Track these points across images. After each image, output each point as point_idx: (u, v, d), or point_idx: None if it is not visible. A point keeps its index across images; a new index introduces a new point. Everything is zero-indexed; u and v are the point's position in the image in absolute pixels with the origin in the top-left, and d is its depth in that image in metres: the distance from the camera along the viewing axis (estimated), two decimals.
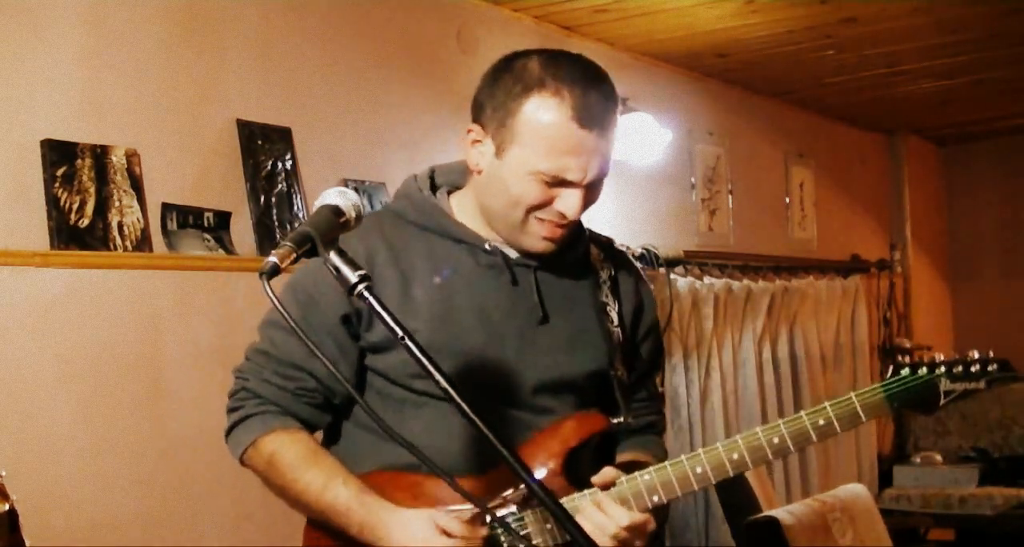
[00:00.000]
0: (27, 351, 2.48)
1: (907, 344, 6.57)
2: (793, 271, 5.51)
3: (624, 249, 2.00)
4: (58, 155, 2.54)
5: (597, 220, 4.26)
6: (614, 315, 1.82)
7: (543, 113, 1.62)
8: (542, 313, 1.73)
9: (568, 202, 1.65)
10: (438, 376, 1.32)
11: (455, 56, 3.71)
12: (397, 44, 3.52)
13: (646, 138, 4.13)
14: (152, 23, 2.79)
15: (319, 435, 1.79)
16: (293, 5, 3.17)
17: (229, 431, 1.75)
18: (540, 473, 1.67)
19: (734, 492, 3.86)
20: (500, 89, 1.66)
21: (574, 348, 1.76)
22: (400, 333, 1.34)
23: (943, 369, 1.75)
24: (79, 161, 2.59)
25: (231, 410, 1.75)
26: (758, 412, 5.01)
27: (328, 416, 1.76)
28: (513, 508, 1.65)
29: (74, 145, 2.58)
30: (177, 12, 2.85)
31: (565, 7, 3.90)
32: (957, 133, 6.88)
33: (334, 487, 1.63)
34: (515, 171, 1.64)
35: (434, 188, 1.81)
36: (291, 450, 1.68)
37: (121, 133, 2.70)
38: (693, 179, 4.96)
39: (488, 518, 1.63)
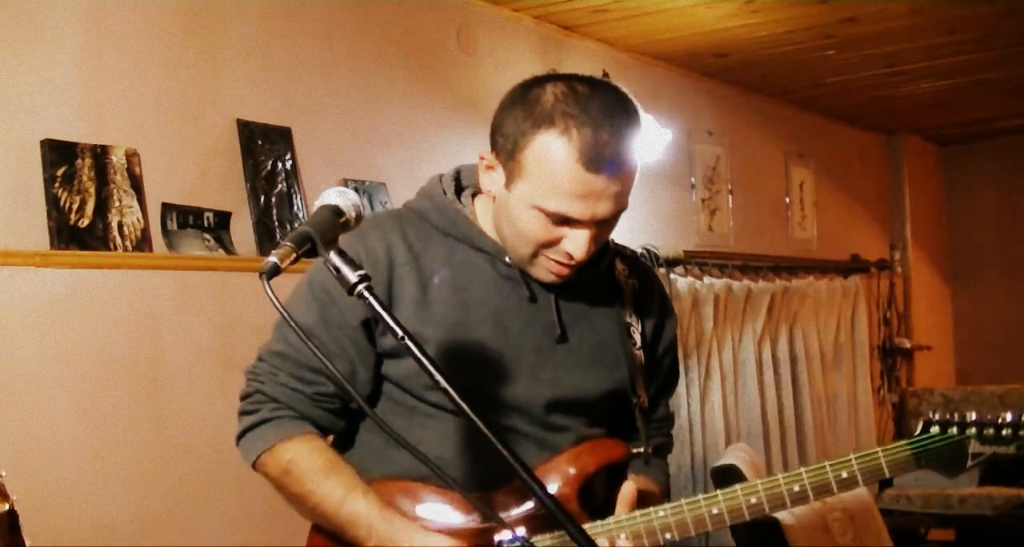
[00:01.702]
0: (27, 351, 2.48)
1: (907, 344, 6.58)
2: (793, 271, 5.51)
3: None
4: (58, 155, 2.54)
5: None
6: (637, 337, 1.77)
7: (549, 153, 1.53)
8: (560, 331, 1.69)
9: (575, 243, 1.58)
10: (438, 377, 1.31)
11: (455, 56, 3.71)
12: (397, 44, 3.52)
13: (646, 138, 4.12)
14: (152, 23, 2.79)
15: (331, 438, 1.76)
16: (293, 5, 3.17)
17: (241, 435, 1.68)
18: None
19: None
20: (511, 119, 1.58)
21: (591, 366, 1.71)
22: (400, 333, 1.32)
23: (973, 430, 1.70)
24: (79, 161, 2.58)
25: (244, 413, 1.68)
26: (758, 412, 5.01)
27: (344, 421, 1.70)
28: (520, 531, 1.61)
29: (74, 145, 2.58)
30: (177, 12, 2.85)
31: (565, 7, 3.90)
32: (957, 133, 6.88)
33: (353, 500, 1.58)
34: (521, 206, 1.58)
35: (460, 189, 1.75)
36: (309, 459, 1.62)
37: (121, 133, 2.70)
38: (693, 179, 4.96)
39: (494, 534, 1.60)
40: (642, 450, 1.74)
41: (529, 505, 1.62)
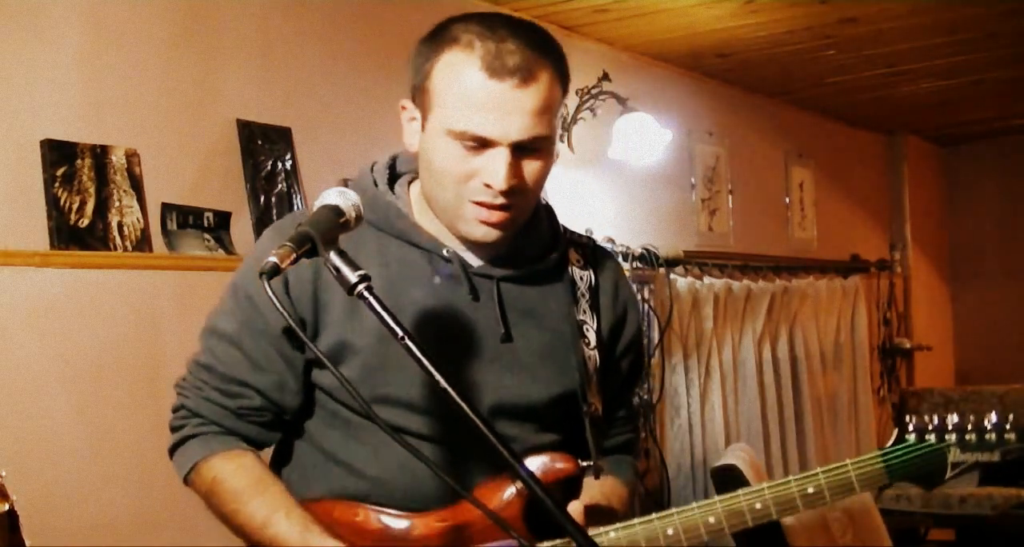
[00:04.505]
0: (27, 351, 2.48)
1: (907, 344, 6.58)
2: (793, 271, 5.51)
3: (624, 249, 1.90)
4: (58, 155, 2.54)
5: (598, 220, 4.27)
6: (591, 336, 1.65)
7: (452, 69, 1.47)
8: (504, 330, 1.57)
9: (492, 169, 1.46)
10: (439, 377, 1.28)
11: None
12: (397, 44, 3.51)
13: (646, 138, 4.13)
14: (152, 23, 2.79)
15: (270, 451, 1.69)
16: (293, 5, 3.17)
17: (171, 451, 1.65)
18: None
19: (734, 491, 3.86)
20: (419, 54, 1.53)
21: (540, 368, 1.60)
22: (400, 333, 1.29)
23: (953, 437, 1.59)
24: (79, 161, 2.58)
25: (173, 429, 1.64)
26: (758, 412, 5.01)
27: (276, 434, 1.63)
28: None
29: (74, 145, 2.58)
30: (177, 12, 2.85)
31: (565, 7, 3.90)
32: (957, 133, 6.88)
33: (275, 522, 1.51)
34: (435, 139, 1.49)
35: (396, 178, 1.66)
36: (233, 477, 1.56)
37: (121, 133, 2.70)
38: (693, 179, 4.96)
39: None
40: (592, 464, 1.61)
41: (468, 524, 1.54)
